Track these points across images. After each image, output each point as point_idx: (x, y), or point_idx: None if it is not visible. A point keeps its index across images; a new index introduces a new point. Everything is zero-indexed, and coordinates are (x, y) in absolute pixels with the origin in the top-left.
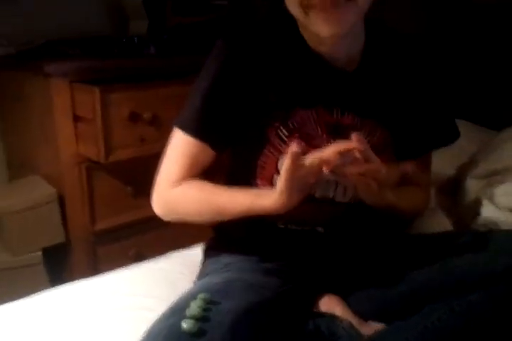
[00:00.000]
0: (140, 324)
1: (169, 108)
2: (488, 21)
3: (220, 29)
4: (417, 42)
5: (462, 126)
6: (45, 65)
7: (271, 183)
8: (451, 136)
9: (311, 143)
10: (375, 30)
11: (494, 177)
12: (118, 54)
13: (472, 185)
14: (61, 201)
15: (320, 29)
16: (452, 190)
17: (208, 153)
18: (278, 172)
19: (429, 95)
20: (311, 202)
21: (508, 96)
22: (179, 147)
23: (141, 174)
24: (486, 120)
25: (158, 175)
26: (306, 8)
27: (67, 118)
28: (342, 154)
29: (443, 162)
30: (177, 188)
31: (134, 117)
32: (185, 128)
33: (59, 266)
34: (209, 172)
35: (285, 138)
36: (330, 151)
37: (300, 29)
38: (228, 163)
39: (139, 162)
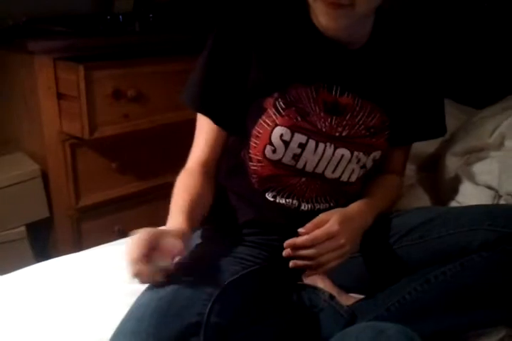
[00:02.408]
0: (126, 296)
1: (153, 85)
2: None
3: (205, 8)
4: (421, 32)
5: (446, 104)
6: (28, 42)
7: (263, 154)
8: (438, 131)
9: (307, 119)
10: (386, 18)
11: (473, 154)
12: (103, 31)
13: (451, 162)
14: (45, 177)
15: (320, 19)
16: (432, 167)
17: (216, 128)
18: (271, 143)
19: (425, 87)
20: (302, 177)
21: (490, 76)
22: (198, 125)
23: (125, 150)
24: (469, 99)
25: None
26: None
27: (51, 96)
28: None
29: None
30: (179, 176)
31: (118, 94)
32: (187, 103)
33: (43, 241)
34: None
35: (281, 110)
36: None
37: (310, 10)
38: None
39: (124, 138)
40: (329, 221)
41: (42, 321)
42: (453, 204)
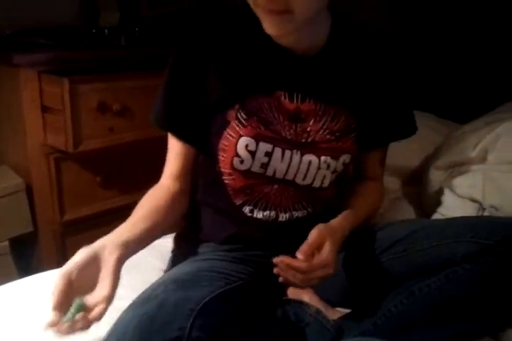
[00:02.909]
0: (110, 313)
1: (138, 99)
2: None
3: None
4: (383, 35)
5: (428, 119)
6: (13, 55)
7: (231, 166)
8: (408, 130)
9: (270, 128)
10: (343, 21)
11: (456, 168)
12: (88, 44)
13: (435, 176)
14: (29, 191)
15: (264, 26)
16: (416, 181)
17: (185, 145)
18: (237, 155)
19: (390, 87)
20: (274, 184)
21: (472, 91)
22: (169, 143)
23: (110, 164)
24: (451, 114)
25: None
26: (255, 5)
27: (35, 109)
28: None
29: (409, 153)
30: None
31: (103, 108)
32: (155, 122)
33: (27, 256)
34: None
35: (243, 121)
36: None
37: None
38: None
39: (108, 152)
40: (324, 247)
41: (24, 337)
42: (437, 216)
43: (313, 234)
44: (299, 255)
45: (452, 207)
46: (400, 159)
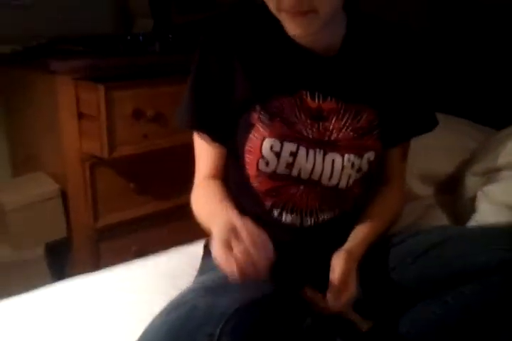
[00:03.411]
0: (142, 319)
1: (172, 105)
2: (491, 21)
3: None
4: (401, 30)
5: (463, 124)
6: (50, 62)
7: (257, 169)
8: (429, 124)
9: (294, 128)
10: (360, 20)
11: (492, 174)
12: (123, 52)
13: (471, 183)
14: (64, 197)
15: (288, 28)
16: (450, 188)
17: (215, 145)
18: (262, 157)
19: (409, 83)
20: (300, 185)
21: (508, 97)
22: (196, 145)
23: (144, 170)
24: (487, 119)
25: None
26: (278, 9)
27: (71, 116)
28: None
29: (443, 160)
30: (194, 193)
31: (138, 114)
32: (182, 123)
33: (61, 261)
34: None
35: (267, 122)
36: None
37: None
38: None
39: (143, 158)
40: (349, 287)
41: None
42: (472, 223)
43: (337, 272)
44: (328, 296)
45: (488, 214)
46: (433, 166)
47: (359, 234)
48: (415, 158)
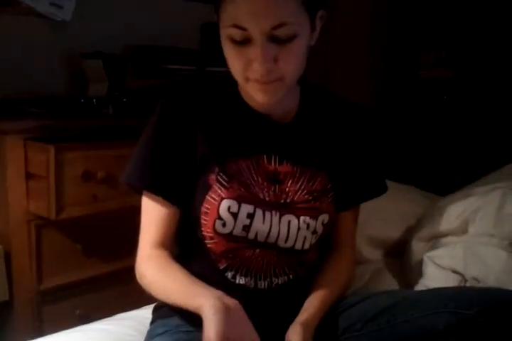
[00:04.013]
0: None
1: (123, 167)
2: (434, 93)
3: None
4: (349, 102)
5: (410, 191)
6: (0, 122)
7: (214, 230)
8: (379, 189)
9: (250, 190)
10: (312, 92)
11: (438, 239)
12: (76, 114)
13: (418, 247)
14: (7, 258)
15: (256, 96)
16: (398, 252)
17: (169, 206)
18: (220, 218)
19: (360, 150)
20: (256, 248)
21: (452, 164)
22: (146, 208)
23: (92, 232)
24: (433, 186)
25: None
26: (245, 78)
27: (19, 176)
28: None
29: (391, 225)
30: (143, 266)
31: (88, 175)
32: (133, 183)
33: (1, 325)
34: None
35: (225, 183)
36: None
37: (240, 90)
38: None
39: (91, 220)
40: None
41: None
42: (420, 287)
43: None
44: None
45: (435, 278)
46: (382, 230)
47: (313, 304)
48: (364, 222)
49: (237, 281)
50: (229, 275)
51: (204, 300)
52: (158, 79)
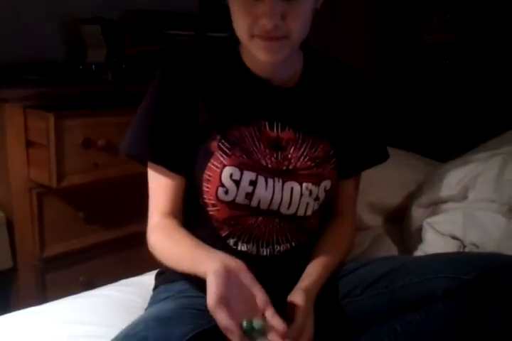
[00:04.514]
0: None
1: (123, 134)
2: (437, 58)
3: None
4: (353, 68)
5: (410, 157)
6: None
7: (216, 197)
8: (381, 157)
9: (252, 157)
10: (316, 58)
11: (438, 205)
12: (75, 80)
13: (417, 214)
14: (10, 226)
15: (260, 55)
16: (399, 218)
17: (174, 176)
18: (222, 185)
19: (363, 117)
20: (259, 216)
21: (453, 130)
22: (152, 179)
23: (93, 199)
24: (433, 152)
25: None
26: (250, 36)
27: (19, 144)
28: None
29: (391, 191)
30: (153, 236)
31: (88, 143)
32: (135, 154)
33: (5, 292)
34: None
35: (227, 151)
36: None
37: (242, 54)
38: None
39: (92, 187)
40: (308, 328)
41: None
42: (419, 253)
43: (298, 314)
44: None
45: (434, 244)
46: (382, 197)
47: (315, 270)
48: (365, 188)
49: (239, 248)
50: (231, 242)
51: (208, 266)
52: (157, 45)
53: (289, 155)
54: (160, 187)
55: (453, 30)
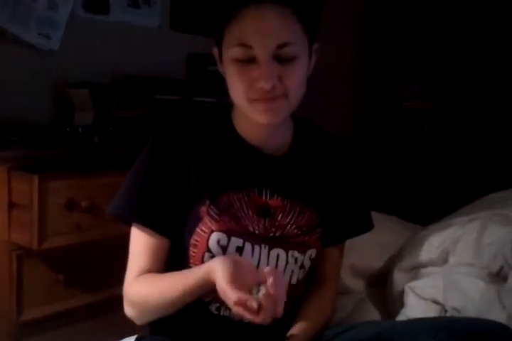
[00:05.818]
0: None
1: (107, 196)
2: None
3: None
4: (340, 139)
5: (391, 221)
6: None
7: (202, 263)
8: (365, 226)
9: (241, 223)
10: (304, 126)
11: (419, 270)
12: (61, 142)
13: (399, 278)
14: None
15: (259, 117)
16: (381, 282)
17: (158, 237)
18: (209, 250)
19: (349, 187)
20: None
21: (433, 194)
22: (135, 239)
23: (74, 262)
24: (414, 217)
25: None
26: (248, 100)
27: (1, 205)
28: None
29: (373, 256)
30: (135, 286)
31: (72, 205)
32: (122, 215)
33: None
34: None
35: (216, 216)
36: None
37: (234, 122)
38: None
39: (74, 250)
40: None
41: None
42: (401, 318)
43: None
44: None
45: (415, 308)
46: (364, 260)
47: (298, 335)
48: (347, 250)
49: (221, 313)
50: (213, 307)
51: (206, 265)
52: (144, 109)
53: (277, 223)
54: (142, 247)
55: (431, 98)
